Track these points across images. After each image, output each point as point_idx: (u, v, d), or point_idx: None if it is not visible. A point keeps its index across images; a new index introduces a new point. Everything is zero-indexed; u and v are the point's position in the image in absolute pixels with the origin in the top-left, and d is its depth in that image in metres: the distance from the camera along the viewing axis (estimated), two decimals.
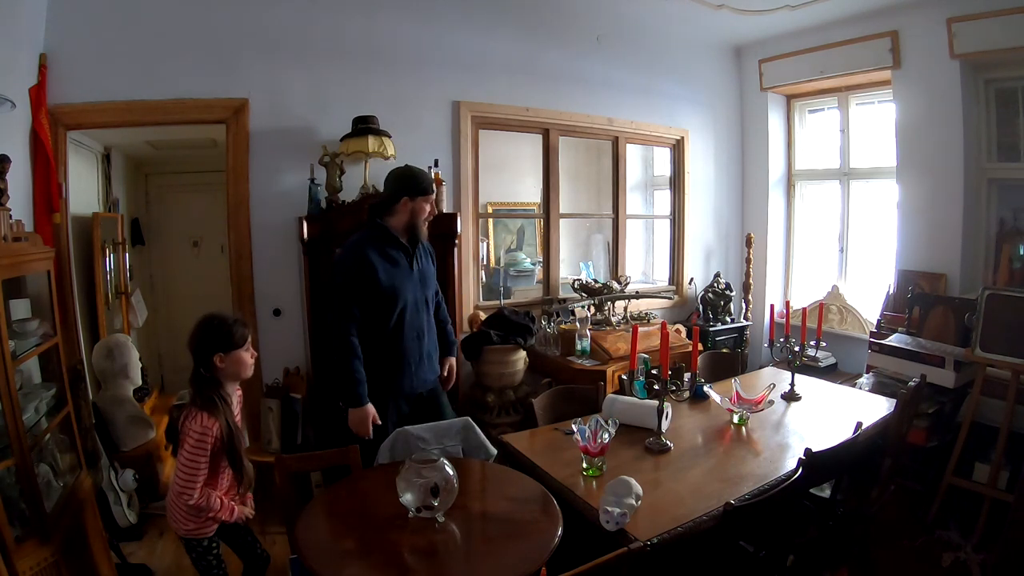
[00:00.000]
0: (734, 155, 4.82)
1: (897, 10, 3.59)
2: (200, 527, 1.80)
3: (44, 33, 2.65)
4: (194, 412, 1.71)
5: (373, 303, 2.26)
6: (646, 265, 5.01)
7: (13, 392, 1.72)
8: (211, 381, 1.75)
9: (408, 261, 2.36)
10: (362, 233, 2.35)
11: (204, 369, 1.74)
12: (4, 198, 1.92)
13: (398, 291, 2.29)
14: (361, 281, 2.23)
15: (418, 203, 2.30)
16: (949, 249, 3.52)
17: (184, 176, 4.96)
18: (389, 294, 2.27)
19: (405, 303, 2.31)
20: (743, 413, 2.23)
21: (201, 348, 1.74)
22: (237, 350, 1.77)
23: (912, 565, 2.53)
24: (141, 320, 4.24)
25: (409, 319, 2.34)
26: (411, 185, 2.30)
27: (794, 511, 1.88)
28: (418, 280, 2.38)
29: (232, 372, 1.78)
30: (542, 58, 3.84)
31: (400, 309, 2.30)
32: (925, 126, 3.59)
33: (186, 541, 1.83)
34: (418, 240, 2.37)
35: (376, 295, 2.25)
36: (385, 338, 2.30)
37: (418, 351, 2.38)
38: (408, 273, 2.35)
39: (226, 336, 1.75)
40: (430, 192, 2.33)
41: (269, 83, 3.07)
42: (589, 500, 1.66)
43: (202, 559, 1.83)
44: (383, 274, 2.25)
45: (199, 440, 1.67)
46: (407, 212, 2.30)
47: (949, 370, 2.97)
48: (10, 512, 1.73)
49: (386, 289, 2.26)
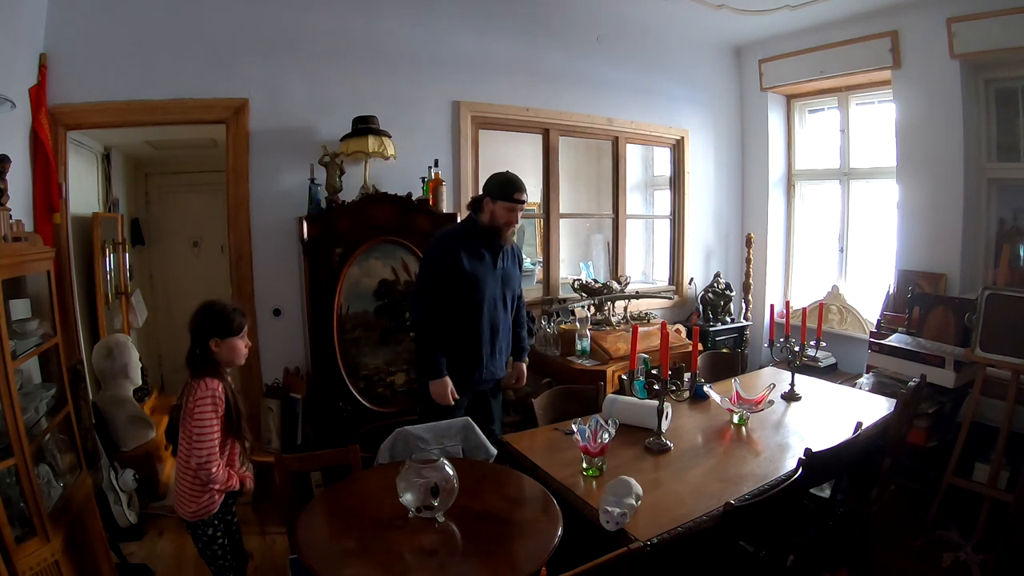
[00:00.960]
0: (734, 155, 4.82)
1: (897, 10, 3.60)
2: (205, 506, 1.82)
3: (44, 33, 2.65)
4: (195, 381, 1.77)
5: (455, 289, 2.37)
6: (646, 265, 5.01)
7: (13, 392, 1.72)
8: (208, 360, 1.82)
9: (492, 258, 2.44)
10: (456, 224, 2.57)
11: (200, 351, 1.82)
12: (4, 198, 1.92)
13: (479, 282, 2.39)
14: (444, 266, 2.37)
15: (498, 207, 2.36)
16: (949, 249, 3.52)
17: (184, 176, 4.96)
18: (470, 282, 2.38)
19: (483, 295, 2.41)
20: (743, 413, 2.23)
21: (199, 331, 1.81)
22: (233, 337, 1.83)
23: (912, 565, 2.53)
24: (141, 320, 4.24)
25: (487, 311, 2.43)
26: (494, 188, 2.39)
27: (794, 511, 1.87)
28: (500, 278, 2.47)
29: (226, 358, 1.84)
30: (542, 58, 3.84)
31: (479, 299, 2.40)
32: (925, 126, 3.59)
33: (192, 528, 1.87)
34: (500, 241, 2.44)
35: (457, 281, 2.37)
36: (462, 325, 2.41)
37: (490, 344, 2.47)
38: (490, 269, 2.44)
39: (224, 323, 1.82)
40: (509, 199, 2.36)
41: (269, 83, 3.08)
42: (589, 500, 1.66)
43: (207, 548, 1.88)
44: (466, 263, 2.37)
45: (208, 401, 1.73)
46: (488, 213, 2.39)
47: (949, 370, 2.97)
48: (10, 512, 1.73)
49: (467, 277, 2.37)
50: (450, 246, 2.39)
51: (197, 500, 1.81)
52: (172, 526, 2.90)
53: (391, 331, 3.03)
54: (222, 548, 1.90)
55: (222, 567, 1.92)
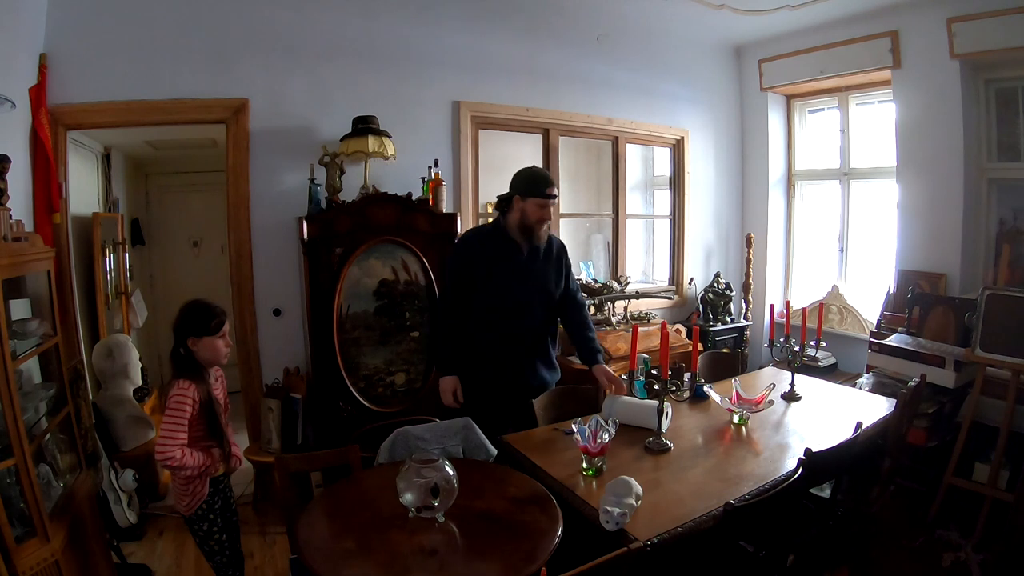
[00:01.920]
0: (734, 155, 4.82)
1: (897, 10, 3.60)
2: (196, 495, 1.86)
3: (44, 33, 2.65)
4: (172, 381, 1.83)
5: (474, 290, 2.35)
6: (646, 265, 5.01)
7: (13, 392, 1.72)
8: (188, 360, 1.85)
9: (522, 259, 2.37)
10: (485, 224, 2.52)
11: (182, 349, 1.86)
12: (4, 198, 1.92)
13: (500, 284, 2.33)
14: (464, 267, 2.36)
15: (528, 204, 2.27)
16: (949, 249, 3.52)
17: (184, 176, 4.97)
18: (489, 284, 2.33)
19: (506, 298, 2.34)
20: (743, 413, 2.23)
21: (179, 330, 1.87)
22: (210, 336, 1.86)
23: (912, 565, 2.53)
24: (141, 320, 4.24)
25: (511, 314, 2.35)
26: (522, 185, 2.30)
27: (794, 511, 1.87)
28: (531, 280, 2.38)
29: (205, 357, 1.87)
30: (542, 58, 3.84)
31: (499, 302, 2.34)
32: (925, 126, 3.59)
33: (189, 523, 1.91)
34: (533, 240, 2.35)
35: (477, 283, 2.34)
36: (482, 327, 2.36)
37: (513, 349, 2.38)
38: (519, 270, 2.36)
39: (201, 322, 1.86)
40: (539, 195, 2.26)
41: (269, 83, 3.08)
42: (589, 500, 1.65)
43: (205, 543, 1.91)
44: (487, 264, 2.33)
45: (178, 402, 1.76)
46: (518, 211, 2.31)
47: (949, 370, 2.97)
48: (10, 512, 1.73)
49: (487, 279, 2.33)
50: (472, 246, 2.37)
51: (187, 491, 1.86)
52: (172, 526, 2.90)
53: (391, 331, 3.03)
54: (219, 544, 1.93)
55: (220, 563, 1.95)
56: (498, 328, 2.36)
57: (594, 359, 2.46)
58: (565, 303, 2.52)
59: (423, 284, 3.07)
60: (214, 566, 1.96)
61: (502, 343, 2.37)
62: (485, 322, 2.36)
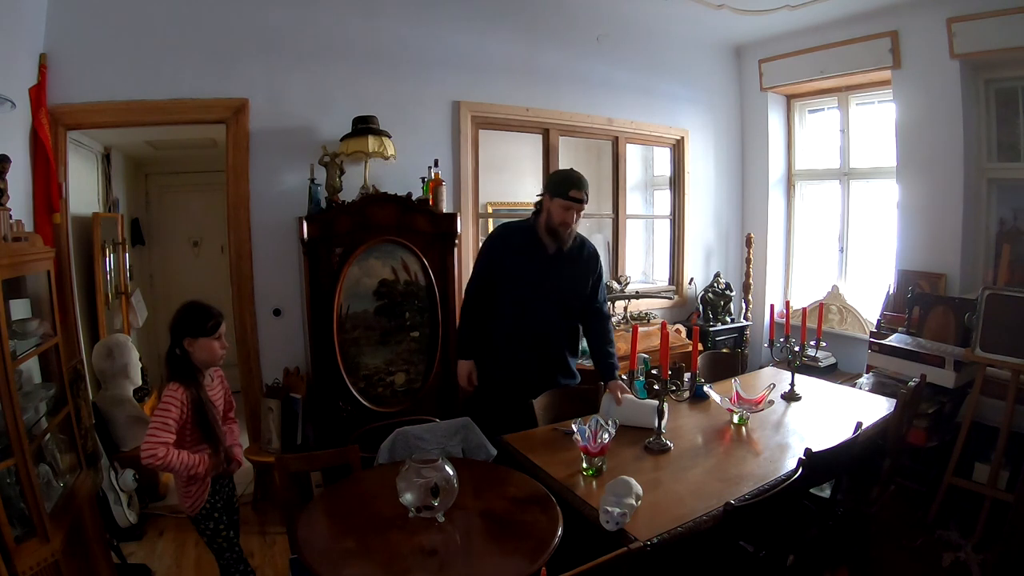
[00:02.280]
0: (734, 155, 4.82)
1: (897, 10, 3.59)
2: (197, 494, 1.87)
3: (44, 33, 2.65)
4: (167, 383, 1.84)
5: (494, 283, 2.40)
6: (646, 265, 5.01)
7: (13, 392, 1.72)
8: (183, 361, 1.86)
9: (545, 260, 2.36)
10: (520, 219, 2.51)
11: (178, 349, 1.86)
12: (4, 198, 1.92)
13: (516, 281, 2.37)
14: (488, 258, 2.44)
15: (554, 204, 2.27)
16: (949, 249, 3.52)
17: (184, 176, 4.97)
18: (506, 280, 2.38)
19: (521, 296, 2.37)
20: (743, 413, 2.23)
21: (175, 330, 1.87)
22: (206, 337, 1.87)
23: (912, 565, 2.53)
24: (141, 320, 4.24)
25: (525, 314, 2.37)
26: (551, 185, 2.33)
27: (794, 511, 1.87)
28: (551, 283, 2.37)
29: (200, 358, 1.87)
30: (542, 58, 3.84)
31: (513, 300, 2.38)
32: (925, 126, 3.59)
33: (195, 522, 1.92)
34: (560, 242, 2.34)
35: (495, 276, 2.40)
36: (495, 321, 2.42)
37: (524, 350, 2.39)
38: (539, 271, 2.36)
39: (198, 323, 1.86)
40: (564, 197, 2.25)
41: (269, 83, 3.08)
42: (589, 500, 1.66)
43: (212, 541, 1.93)
44: (509, 260, 2.38)
45: (165, 404, 1.77)
46: (546, 210, 2.32)
47: (949, 370, 2.97)
48: (10, 512, 1.73)
49: (504, 274, 2.38)
50: (501, 238, 2.42)
51: (189, 493, 1.87)
52: (172, 526, 2.90)
53: (391, 331, 3.03)
54: (227, 540, 1.95)
55: (229, 559, 1.96)
56: (508, 321, 2.40)
57: (611, 374, 2.41)
58: (589, 313, 2.50)
59: (423, 284, 3.07)
60: (223, 564, 1.96)
61: (511, 336, 2.41)
62: (500, 313, 2.41)
